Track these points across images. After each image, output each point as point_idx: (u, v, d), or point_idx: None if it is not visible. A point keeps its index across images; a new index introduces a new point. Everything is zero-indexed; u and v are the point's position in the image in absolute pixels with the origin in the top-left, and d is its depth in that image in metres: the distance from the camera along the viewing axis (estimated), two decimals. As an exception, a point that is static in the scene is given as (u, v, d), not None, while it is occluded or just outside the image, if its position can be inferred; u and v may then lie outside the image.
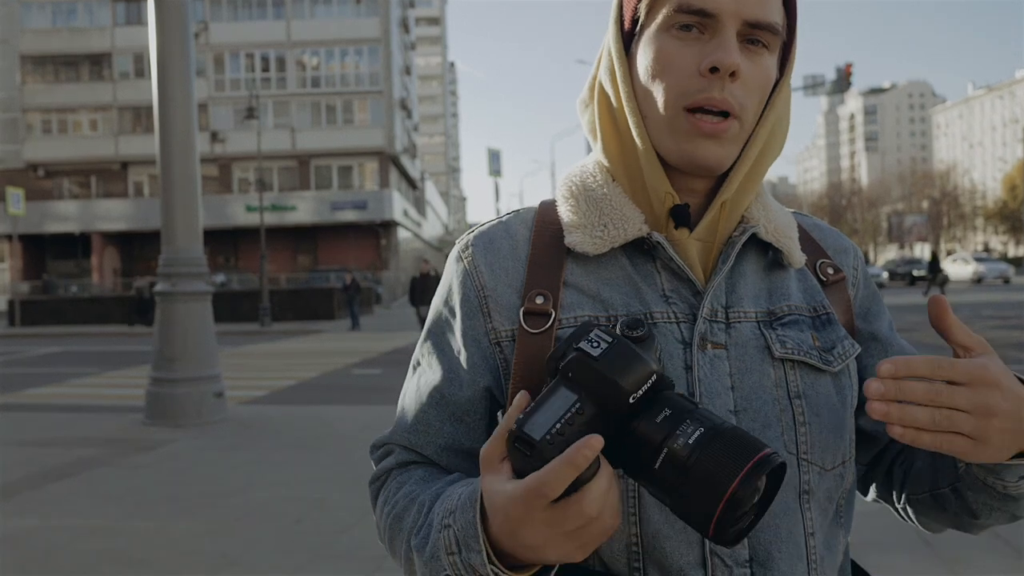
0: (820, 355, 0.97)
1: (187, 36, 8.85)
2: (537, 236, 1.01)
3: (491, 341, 0.98)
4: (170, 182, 8.77)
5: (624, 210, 0.97)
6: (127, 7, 46.36)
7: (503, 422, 0.78)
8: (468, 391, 0.99)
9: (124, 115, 46.52)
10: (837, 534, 0.99)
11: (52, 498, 6.03)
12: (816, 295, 1.03)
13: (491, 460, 0.78)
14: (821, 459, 0.95)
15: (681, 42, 0.91)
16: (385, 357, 16.81)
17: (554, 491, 0.71)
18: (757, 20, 0.90)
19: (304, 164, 46.32)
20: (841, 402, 0.98)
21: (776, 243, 1.00)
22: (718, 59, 0.88)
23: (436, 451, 1.00)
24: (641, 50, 0.95)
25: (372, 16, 46.46)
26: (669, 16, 0.91)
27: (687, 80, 0.91)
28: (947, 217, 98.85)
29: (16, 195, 26.01)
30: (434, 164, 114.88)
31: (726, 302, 0.97)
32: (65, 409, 10.43)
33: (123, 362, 16.59)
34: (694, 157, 0.92)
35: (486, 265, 1.00)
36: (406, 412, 1.04)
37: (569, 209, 1.01)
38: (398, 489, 0.98)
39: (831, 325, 1.01)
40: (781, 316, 0.99)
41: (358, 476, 6.43)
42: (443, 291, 1.05)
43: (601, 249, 0.96)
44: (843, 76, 28.08)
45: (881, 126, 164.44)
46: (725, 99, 0.90)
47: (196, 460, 7.19)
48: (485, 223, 1.07)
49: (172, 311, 8.74)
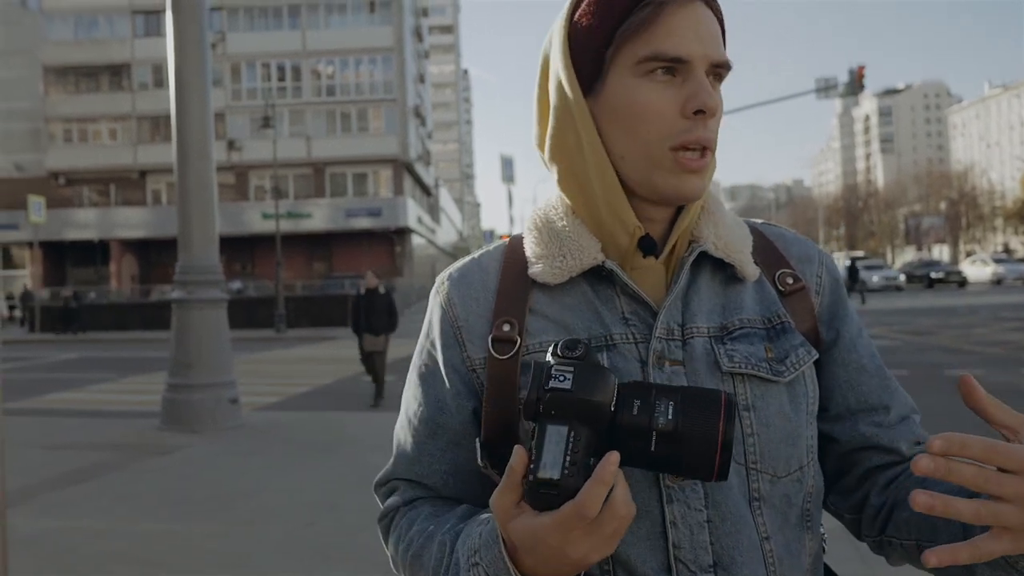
0: (770, 366, 1.00)
1: (204, 47, 8.98)
2: (505, 268, 1.08)
3: (468, 368, 1.05)
4: (186, 191, 8.89)
5: (581, 240, 1.03)
6: (146, 19, 46.80)
7: (508, 475, 0.84)
8: (458, 417, 1.05)
9: (143, 124, 46.94)
10: (801, 537, 1.01)
11: (69, 500, 6.15)
12: (772, 305, 1.06)
13: (507, 508, 0.84)
14: (772, 467, 0.99)
15: (659, 86, 0.96)
16: (398, 364, 16.85)
17: (594, 510, 0.79)
18: (720, 60, 0.98)
19: (319, 172, 46.56)
20: (795, 410, 1.01)
21: (726, 258, 1.04)
22: (703, 102, 0.95)
23: (440, 478, 1.07)
24: (609, 96, 0.99)
25: (386, 25, 46.68)
26: (641, 63, 0.96)
27: (671, 122, 0.96)
28: (965, 218, 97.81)
29: (38, 203, 26.28)
30: (448, 171, 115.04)
31: (681, 320, 1.02)
32: (83, 414, 10.58)
33: (140, 368, 16.76)
34: (680, 191, 0.98)
35: (459, 298, 1.07)
36: (404, 445, 1.10)
37: (533, 241, 1.07)
38: (410, 526, 1.04)
39: (786, 334, 1.04)
40: (732, 330, 1.02)
41: (369, 480, 6.45)
42: (425, 326, 1.12)
43: (560, 278, 1.03)
44: (856, 78, 27.92)
45: (896, 127, 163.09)
46: (707, 138, 0.97)
47: (210, 464, 7.30)
48: (459, 261, 1.15)
49: (188, 318, 8.86)
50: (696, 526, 0.95)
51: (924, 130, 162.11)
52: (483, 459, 1.01)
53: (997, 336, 17.11)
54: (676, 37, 0.95)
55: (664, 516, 0.95)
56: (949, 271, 44.47)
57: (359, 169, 46.88)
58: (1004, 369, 12.20)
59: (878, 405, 1.08)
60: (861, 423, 1.07)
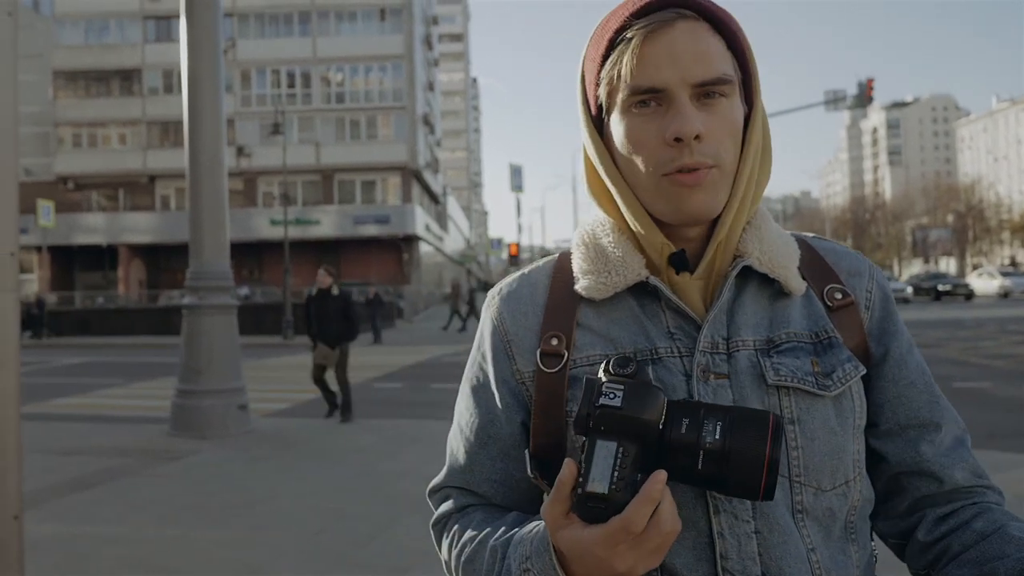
0: (816, 380, 1.01)
1: (218, 53, 9.02)
2: (554, 283, 1.12)
3: (517, 381, 1.09)
4: (198, 197, 8.92)
5: (626, 257, 1.06)
6: (157, 24, 47.07)
7: (557, 487, 0.88)
8: (509, 428, 1.09)
9: (152, 129, 47.15)
10: (847, 549, 1.02)
11: (78, 506, 6.15)
12: (820, 320, 1.06)
13: (556, 518, 0.88)
14: (816, 480, 0.99)
15: (643, 119, 0.98)
16: (406, 371, 16.89)
17: (640, 526, 0.83)
18: (703, 80, 0.96)
19: (328, 178, 46.67)
20: (841, 424, 1.02)
21: (771, 273, 1.05)
22: (677, 130, 0.95)
23: (490, 487, 1.10)
24: (613, 130, 1.03)
25: (396, 33, 46.85)
26: (626, 99, 0.99)
27: (658, 152, 0.98)
28: (972, 231, 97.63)
29: (47, 207, 26.47)
30: (456, 179, 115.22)
31: (727, 333, 1.03)
32: (91, 419, 10.60)
33: (148, 373, 16.77)
34: (686, 210, 0.99)
35: (508, 313, 1.11)
36: (456, 455, 1.14)
37: (580, 257, 1.10)
38: (462, 532, 1.07)
39: (833, 349, 1.04)
40: (779, 344, 1.03)
41: (379, 488, 6.51)
42: (477, 339, 1.16)
43: (606, 294, 1.05)
44: (865, 91, 27.96)
45: (904, 140, 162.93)
46: (696, 161, 0.96)
47: (220, 471, 7.29)
48: (509, 277, 1.18)
49: (198, 324, 8.87)
50: (744, 537, 0.97)
51: (932, 143, 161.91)
52: (533, 470, 1.02)
53: (1004, 349, 17.10)
54: (650, 67, 0.97)
55: (711, 527, 0.97)
56: (956, 284, 44.40)
57: (368, 176, 46.99)
58: (1011, 382, 12.21)
59: (928, 422, 1.08)
60: (911, 440, 1.07)
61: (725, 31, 1.00)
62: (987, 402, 10.48)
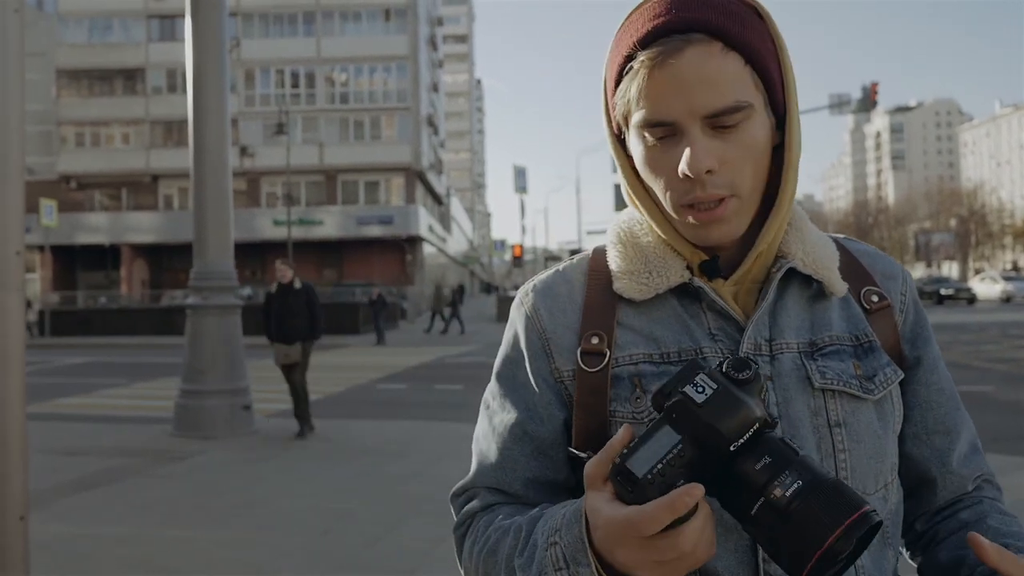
0: (861, 383, 1.00)
1: (223, 52, 9.02)
2: (591, 281, 1.08)
3: (556, 379, 1.05)
4: (203, 197, 8.90)
5: (667, 258, 1.03)
6: (161, 24, 47.11)
7: (606, 448, 0.84)
8: (549, 426, 1.04)
9: (156, 129, 47.17)
10: (885, 554, 1.02)
11: (81, 507, 6.13)
12: (859, 323, 1.05)
13: (595, 479, 0.83)
14: (862, 484, 0.98)
15: (657, 150, 0.96)
16: (410, 372, 16.89)
17: (650, 530, 0.76)
18: (715, 111, 0.92)
19: (331, 179, 46.69)
20: (883, 428, 1.01)
21: (815, 275, 1.03)
22: (687, 167, 0.92)
23: (522, 484, 1.05)
24: (632, 151, 1.01)
25: (401, 34, 46.87)
26: (639, 128, 0.96)
27: (673, 183, 0.96)
28: (975, 235, 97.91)
29: (49, 207, 26.45)
30: (460, 180, 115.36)
31: (769, 335, 1.01)
32: (94, 419, 10.58)
33: (151, 373, 16.76)
34: (706, 240, 0.99)
35: (545, 310, 1.07)
36: (486, 453, 1.08)
37: (617, 255, 1.07)
38: (486, 528, 1.01)
39: (873, 353, 1.04)
40: (823, 346, 1.02)
41: (384, 489, 6.49)
42: (509, 336, 1.11)
43: (646, 295, 1.03)
44: (869, 95, 27.96)
45: (908, 144, 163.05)
46: (711, 195, 0.94)
47: (224, 471, 7.27)
48: (543, 273, 1.14)
49: (202, 324, 8.86)
50: None
51: (935, 147, 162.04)
52: (587, 452, 0.95)
53: (1007, 353, 17.13)
54: (659, 100, 0.93)
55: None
56: (959, 288, 44.55)
57: (371, 177, 47.00)
58: (1013, 386, 12.23)
59: (952, 428, 1.10)
60: (937, 446, 1.09)
61: (741, 46, 0.93)
62: (989, 406, 10.47)
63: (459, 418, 9.83)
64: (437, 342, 25.05)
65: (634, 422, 0.98)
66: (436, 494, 5.99)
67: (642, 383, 0.99)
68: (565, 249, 58.68)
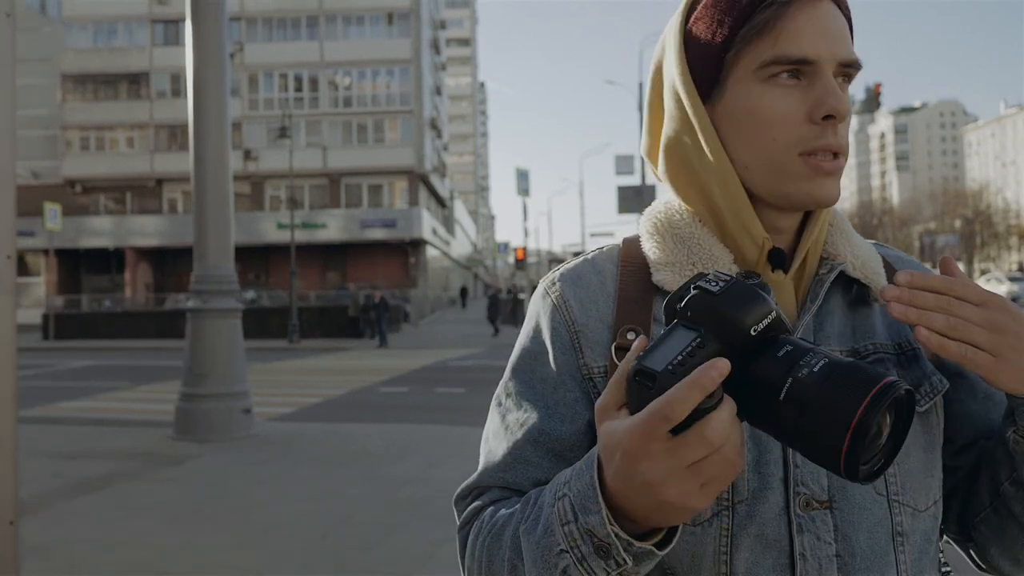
0: None
1: (223, 57, 9.01)
2: (624, 272, 1.01)
3: (585, 375, 0.97)
4: (203, 201, 8.90)
5: (713, 250, 0.96)
6: (166, 28, 47.21)
7: (620, 366, 0.76)
8: (571, 426, 0.96)
9: (160, 133, 47.27)
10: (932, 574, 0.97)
11: (81, 510, 6.12)
12: (901, 331, 1.01)
13: (607, 409, 0.75)
14: (914, 500, 0.94)
15: (784, 90, 0.91)
16: (412, 375, 16.88)
17: (679, 413, 0.68)
18: (849, 59, 0.92)
19: (335, 182, 46.72)
20: (929, 441, 0.97)
21: (864, 279, 0.99)
22: (832, 107, 0.89)
23: (534, 486, 0.94)
24: (729, 102, 0.94)
25: (403, 37, 46.90)
26: (764, 67, 0.91)
27: (798, 128, 0.91)
28: (980, 236, 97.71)
29: (53, 210, 26.48)
30: (463, 183, 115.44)
31: (814, 340, 0.96)
32: (96, 423, 10.58)
33: (154, 377, 16.79)
34: (815, 196, 0.92)
35: (575, 300, 1.00)
36: (495, 452, 0.99)
37: (655, 246, 1.00)
38: (493, 515, 0.93)
39: (917, 362, 0.99)
40: (866, 355, 0.97)
41: (384, 493, 6.48)
42: (529, 327, 1.04)
43: None
44: (873, 96, 27.88)
45: (912, 145, 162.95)
46: (839, 143, 0.91)
47: (223, 475, 7.26)
48: (570, 261, 1.07)
49: (203, 327, 8.85)
50: (825, 560, 0.89)
51: (939, 148, 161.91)
52: None
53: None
54: (801, 37, 0.90)
55: (793, 546, 0.89)
56: (965, 290, 44.42)
57: (374, 180, 47.04)
58: None
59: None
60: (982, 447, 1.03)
61: (849, 20, 0.96)
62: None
63: (460, 421, 9.81)
64: (442, 344, 25.04)
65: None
66: (436, 498, 5.98)
67: None
68: (568, 251, 58.56)
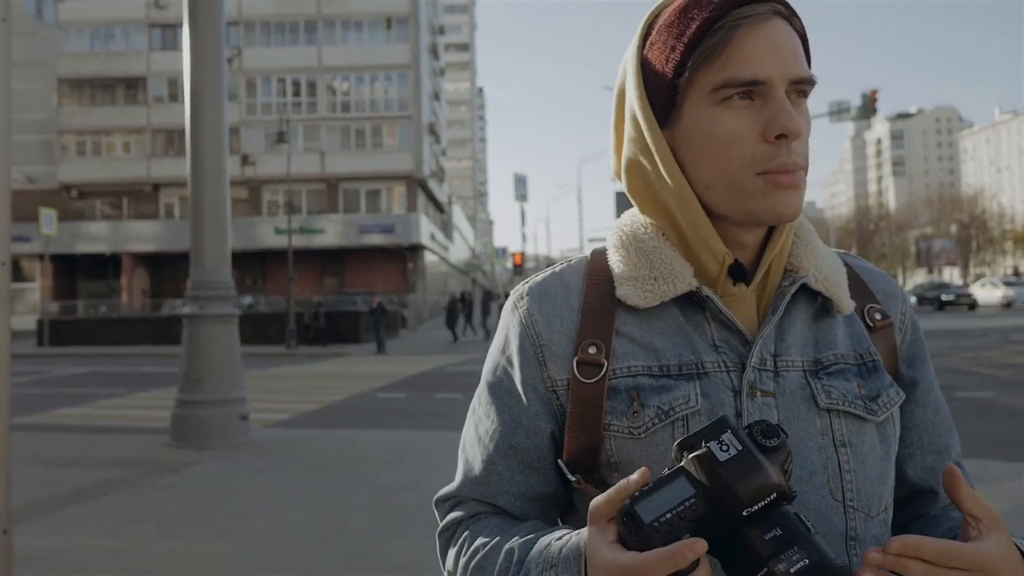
0: (865, 404, 0.98)
1: (220, 62, 8.99)
2: (589, 285, 1.03)
3: (548, 388, 1.00)
4: (200, 207, 8.87)
5: (674, 264, 0.99)
6: (163, 32, 47.19)
7: (618, 488, 0.80)
8: (534, 438, 1.01)
9: (157, 138, 47.22)
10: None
11: (77, 518, 6.08)
12: (863, 342, 1.03)
13: (599, 516, 0.80)
14: (867, 506, 0.97)
15: (737, 112, 0.92)
16: (410, 381, 16.84)
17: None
18: (801, 77, 0.93)
19: (333, 187, 46.71)
20: (884, 450, 1.00)
21: (825, 292, 1.01)
22: (784, 126, 0.90)
23: (508, 500, 1.02)
24: (687, 126, 0.96)
25: (402, 42, 46.94)
26: (717, 90, 0.92)
27: (753, 147, 0.92)
28: (976, 241, 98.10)
29: (49, 215, 26.46)
30: (461, 188, 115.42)
31: (775, 350, 0.99)
32: (92, 430, 10.54)
33: (150, 383, 16.74)
34: (777, 212, 0.94)
35: (541, 315, 1.02)
36: (472, 463, 1.05)
37: (620, 259, 1.03)
38: (473, 538, 0.98)
39: (877, 373, 1.02)
40: (827, 365, 1.00)
41: (382, 499, 6.45)
42: (500, 340, 1.07)
43: (651, 303, 0.98)
44: (869, 102, 27.97)
45: (908, 151, 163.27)
46: (795, 162, 0.92)
47: (220, 482, 7.23)
48: (539, 274, 1.09)
49: (199, 333, 8.81)
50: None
51: (935, 154, 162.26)
52: (574, 474, 0.96)
53: (1007, 359, 17.22)
54: (751, 59, 0.91)
55: None
56: (960, 294, 44.77)
57: (372, 185, 47.03)
58: (1015, 392, 12.23)
59: (944, 448, 1.09)
60: (929, 466, 1.07)
61: (803, 36, 0.97)
62: (991, 412, 10.45)
63: (457, 427, 9.71)
64: (439, 351, 25.01)
65: (630, 437, 0.95)
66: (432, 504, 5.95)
67: (640, 396, 0.95)
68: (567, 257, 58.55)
